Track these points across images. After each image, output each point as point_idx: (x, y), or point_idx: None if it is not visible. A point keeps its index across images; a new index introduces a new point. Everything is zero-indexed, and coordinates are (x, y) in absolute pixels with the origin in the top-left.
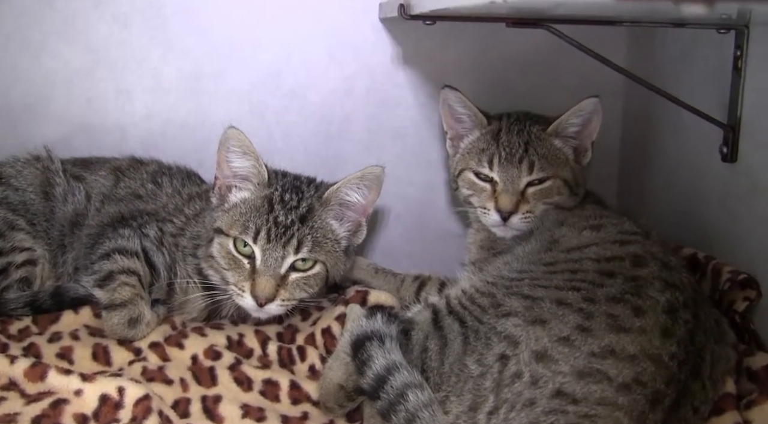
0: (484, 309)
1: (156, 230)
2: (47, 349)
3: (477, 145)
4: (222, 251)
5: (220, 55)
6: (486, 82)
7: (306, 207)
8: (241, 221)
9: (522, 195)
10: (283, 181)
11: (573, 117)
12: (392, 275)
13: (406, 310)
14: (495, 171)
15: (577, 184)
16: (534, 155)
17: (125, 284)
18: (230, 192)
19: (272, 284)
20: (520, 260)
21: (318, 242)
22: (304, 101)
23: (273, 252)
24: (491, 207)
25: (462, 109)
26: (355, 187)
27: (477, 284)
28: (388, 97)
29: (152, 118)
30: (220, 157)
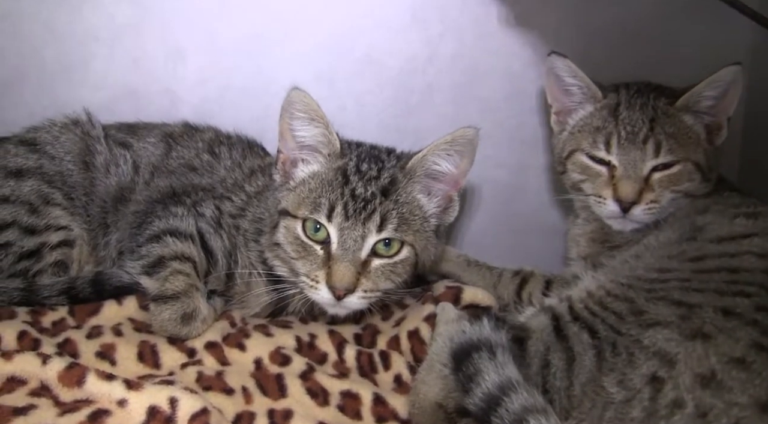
0: (620, 317)
1: (213, 208)
2: (85, 346)
3: (590, 123)
4: (289, 237)
5: (285, 12)
6: (590, 50)
7: (388, 178)
8: (310, 198)
9: (646, 182)
10: (358, 151)
11: (708, 88)
12: (488, 269)
13: (513, 312)
14: (613, 153)
15: (709, 169)
16: (661, 134)
17: (178, 271)
18: (296, 167)
19: (352, 271)
20: (655, 254)
21: (404, 218)
22: (381, 67)
23: (351, 231)
24: (608, 196)
25: (571, 80)
26: (444, 154)
27: (606, 284)
28: (477, 65)
29: (207, 83)
30: (283, 126)
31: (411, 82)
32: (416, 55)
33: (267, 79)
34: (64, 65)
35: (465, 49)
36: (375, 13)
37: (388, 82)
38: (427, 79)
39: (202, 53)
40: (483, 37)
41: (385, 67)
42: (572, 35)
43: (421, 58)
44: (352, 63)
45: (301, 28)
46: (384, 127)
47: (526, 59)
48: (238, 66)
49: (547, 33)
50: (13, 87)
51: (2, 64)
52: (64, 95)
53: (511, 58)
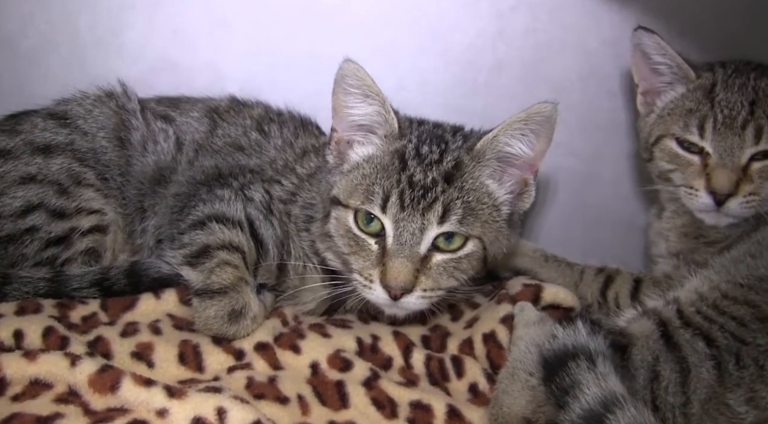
0: (742, 323)
1: (262, 192)
2: (119, 345)
3: (682, 105)
4: (340, 229)
5: None
6: (678, 26)
7: (452, 161)
8: (363, 185)
9: (744, 172)
10: (419, 130)
11: None
12: (568, 266)
13: (609, 315)
14: (707, 139)
15: None
16: (762, 119)
17: (226, 262)
18: (351, 148)
19: (409, 268)
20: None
21: (471, 209)
22: (447, 42)
23: (409, 223)
24: (701, 186)
25: (661, 58)
26: (518, 134)
27: (720, 285)
28: (550, 41)
29: (254, 56)
30: (336, 102)
31: (479, 60)
32: (485, 31)
33: (320, 53)
34: (98, 35)
35: (538, 24)
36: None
37: (454, 59)
38: (497, 57)
39: (248, 24)
40: (557, 11)
41: (451, 43)
42: (659, 9)
43: (490, 33)
44: (415, 37)
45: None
46: (448, 107)
47: (604, 36)
48: (289, 38)
49: (628, 7)
50: (41, 57)
51: (30, 31)
52: (98, 67)
53: (587, 35)
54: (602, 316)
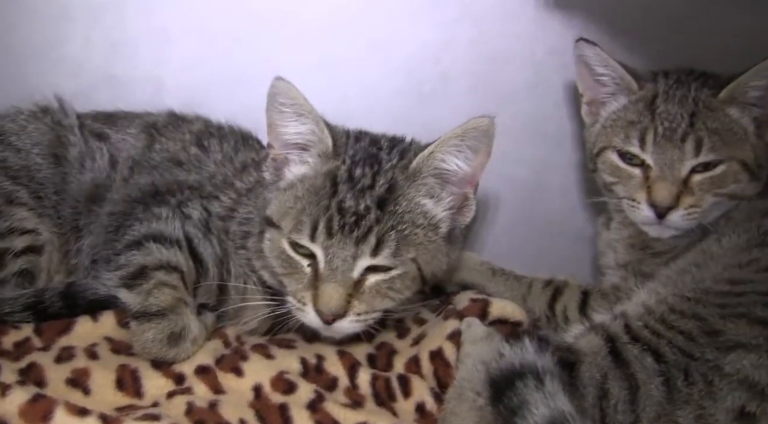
0: (690, 337)
1: (201, 209)
2: (54, 372)
3: (624, 116)
4: (274, 250)
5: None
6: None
7: (385, 185)
8: (295, 209)
9: (685, 184)
10: (354, 149)
11: (756, 78)
12: (515, 279)
13: (556, 331)
14: (648, 152)
15: (759, 167)
16: (702, 130)
17: (164, 284)
18: (287, 166)
19: (341, 293)
20: (720, 262)
21: (405, 235)
22: (390, 53)
23: (340, 250)
24: (642, 199)
25: (603, 70)
26: (455, 150)
27: (667, 298)
28: (497, 51)
29: (195, 69)
30: (270, 120)
31: (423, 71)
32: (430, 41)
33: (263, 65)
34: (35, 47)
35: (484, 34)
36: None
37: (398, 70)
38: (441, 67)
39: (190, 36)
40: (503, 21)
41: (395, 54)
42: (605, 17)
43: (434, 44)
44: (359, 48)
45: (302, 9)
46: (393, 119)
47: (551, 45)
48: (231, 50)
49: (575, 15)
50: None
51: None
52: (34, 81)
53: (534, 44)
54: (550, 332)
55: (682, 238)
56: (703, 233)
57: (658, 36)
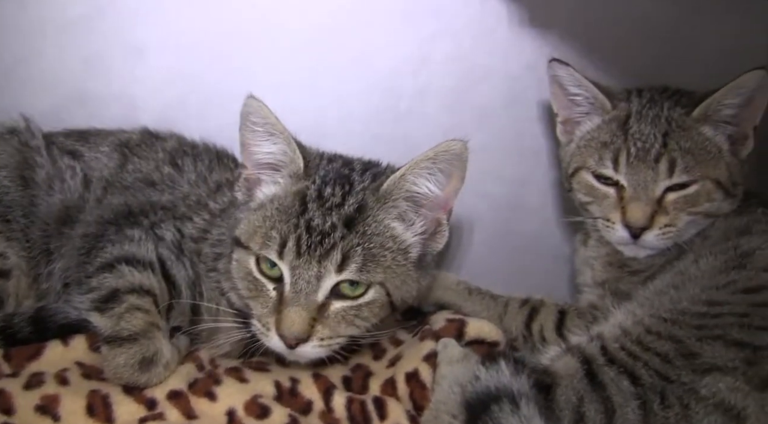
0: (667, 360)
1: (174, 231)
2: (23, 399)
3: (597, 137)
4: (241, 271)
5: (262, 6)
6: (601, 51)
7: (355, 204)
8: (263, 228)
9: (659, 204)
10: (326, 170)
11: (729, 96)
12: (491, 298)
13: (532, 352)
14: (622, 173)
15: (733, 184)
16: (675, 150)
17: (136, 307)
18: (259, 186)
19: (303, 317)
20: (698, 283)
21: (373, 255)
22: (367, 69)
23: (305, 271)
24: (617, 219)
25: (576, 89)
26: (425, 174)
27: (645, 320)
28: (474, 67)
29: (170, 86)
30: (243, 139)
31: (401, 87)
32: (407, 57)
33: (240, 81)
34: (5, 65)
35: (461, 50)
36: (362, 9)
37: (375, 87)
38: (419, 84)
39: (165, 52)
40: (480, 37)
41: (372, 70)
42: (581, 33)
43: (412, 60)
44: (336, 65)
45: (280, 24)
46: (370, 135)
47: (527, 61)
48: (207, 66)
49: (551, 31)
50: None
51: None
52: (3, 99)
53: (510, 61)
54: (527, 353)
55: (659, 256)
56: (680, 251)
57: (635, 53)
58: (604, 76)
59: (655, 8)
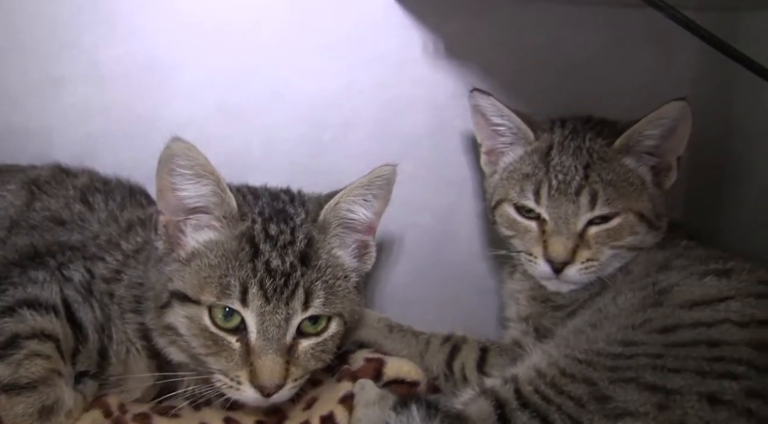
0: (580, 403)
1: (83, 271)
2: None
3: (520, 168)
4: (193, 328)
5: (181, 38)
6: (522, 79)
7: (304, 240)
8: (214, 277)
9: (581, 238)
10: (259, 206)
11: (650, 127)
12: (413, 335)
13: (448, 394)
14: (543, 206)
15: (657, 216)
16: (597, 183)
17: (36, 354)
18: (184, 233)
19: (280, 364)
20: (615, 322)
21: (330, 286)
22: (291, 100)
23: (274, 315)
24: (539, 254)
25: (499, 120)
26: (360, 200)
27: (560, 361)
28: (399, 97)
29: (89, 119)
30: (162, 184)
31: (325, 118)
32: (330, 88)
33: (160, 113)
34: None
35: (386, 80)
36: (284, 39)
37: (299, 118)
38: (344, 114)
39: (83, 83)
40: (405, 65)
41: (295, 101)
42: (505, 62)
43: (335, 90)
44: (260, 95)
45: (201, 57)
46: (295, 166)
47: (452, 90)
48: (127, 97)
49: (475, 60)
50: None
51: None
52: None
53: (436, 89)
54: (441, 396)
55: (583, 291)
56: (603, 286)
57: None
58: (528, 106)
59: (578, 38)
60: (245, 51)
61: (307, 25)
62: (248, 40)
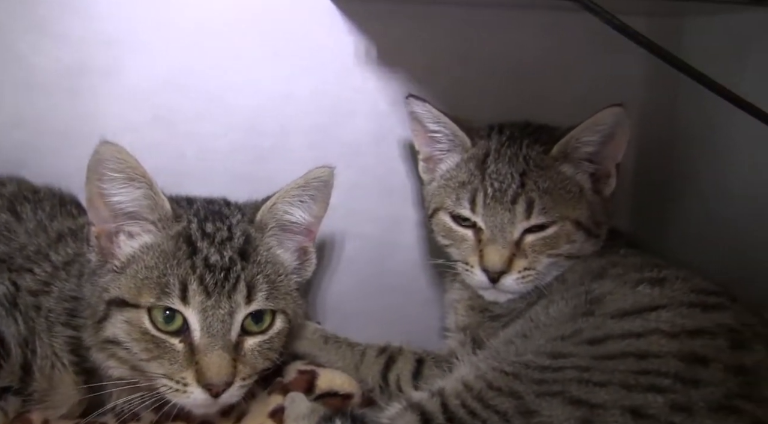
0: (505, 417)
1: (8, 284)
2: None
3: (456, 176)
4: (133, 333)
5: (115, 43)
6: (467, 85)
7: (242, 236)
8: (153, 278)
9: (517, 246)
10: (194, 209)
11: (588, 133)
12: (348, 346)
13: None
14: (479, 214)
15: (596, 224)
16: (533, 191)
17: None
18: (117, 241)
19: (227, 360)
20: (546, 332)
21: (272, 281)
22: (228, 107)
23: (217, 310)
24: (475, 263)
25: (435, 126)
26: (297, 201)
27: (487, 373)
28: (340, 104)
29: (20, 126)
30: (91, 191)
31: (263, 125)
32: (269, 95)
33: (92, 121)
34: None
35: (326, 87)
36: (223, 45)
37: (237, 125)
38: (282, 122)
39: (13, 90)
40: (346, 73)
41: (233, 107)
42: (449, 68)
43: (274, 97)
44: (195, 102)
45: (135, 60)
46: (231, 175)
47: (393, 97)
48: (58, 105)
49: (418, 67)
50: None
51: None
52: None
53: (377, 96)
54: (367, 411)
55: (520, 301)
56: (540, 295)
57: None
58: (473, 113)
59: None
60: (182, 57)
61: (246, 32)
62: (185, 46)
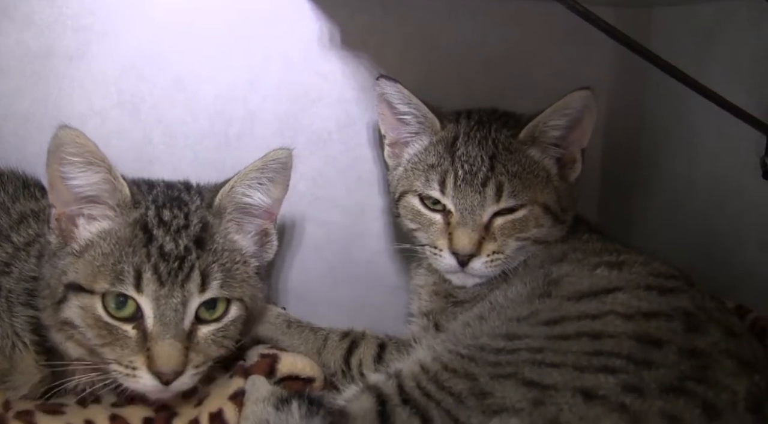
0: (459, 399)
1: None
2: None
3: (425, 159)
4: (87, 318)
5: (80, 27)
6: (435, 73)
7: (199, 224)
8: (108, 265)
9: (486, 230)
10: (153, 195)
11: (555, 117)
12: (311, 331)
13: (334, 390)
14: (449, 197)
15: (562, 209)
16: (502, 174)
17: None
18: (76, 224)
19: (178, 349)
20: (502, 314)
21: (227, 269)
22: (195, 93)
23: (170, 299)
24: (444, 247)
25: (405, 108)
26: (255, 183)
27: (443, 355)
28: (306, 91)
29: None
30: (52, 175)
31: (230, 111)
32: (236, 82)
33: (57, 106)
34: None
35: (293, 74)
36: (190, 30)
37: (203, 111)
38: (249, 108)
39: None
40: (313, 59)
41: (199, 93)
42: (418, 56)
43: (241, 84)
44: (162, 88)
45: (101, 45)
46: (198, 161)
47: (362, 83)
48: (22, 89)
49: (387, 54)
50: None
51: None
52: None
53: (344, 83)
54: (325, 393)
55: (486, 286)
56: (505, 279)
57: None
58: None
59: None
60: (148, 43)
61: (212, 17)
62: (151, 31)
